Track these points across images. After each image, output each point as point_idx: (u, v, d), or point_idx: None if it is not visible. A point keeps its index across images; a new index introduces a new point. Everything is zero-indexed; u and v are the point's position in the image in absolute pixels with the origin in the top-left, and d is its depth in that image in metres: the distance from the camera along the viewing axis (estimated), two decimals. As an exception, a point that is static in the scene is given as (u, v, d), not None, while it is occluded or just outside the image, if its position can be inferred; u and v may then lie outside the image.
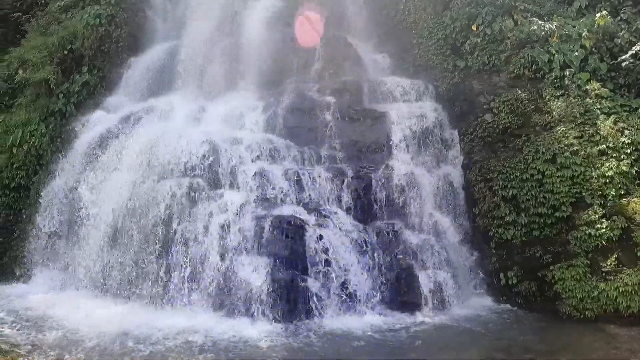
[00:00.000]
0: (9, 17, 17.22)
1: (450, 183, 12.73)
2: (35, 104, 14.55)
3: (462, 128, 13.18)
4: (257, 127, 13.39)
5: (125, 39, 15.90)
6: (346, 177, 12.20)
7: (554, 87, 11.84)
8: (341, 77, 14.63)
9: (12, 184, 13.53)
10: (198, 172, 11.86)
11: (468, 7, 13.69)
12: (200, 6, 17.04)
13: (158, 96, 14.83)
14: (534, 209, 11.22)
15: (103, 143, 13.17)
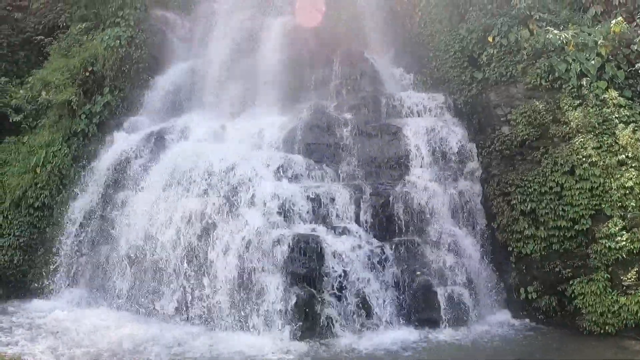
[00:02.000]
0: (32, 40, 17.85)
1: (469, 198, 12.82)
2: (58, 124, 15.05)
3: (480, 141, 13.26)
4: (276, 145, 13.67)
5: (145, 60, 16.44)
6: (364, 194, 12.38)
7: (571, 96, 11.83)
8: (358, 92, 14.92)
9: (36, 203, 13.96)
10: (217, 191, 12.22)
11: (484, 19, 13.85)
12: (219, 26, 17.59)
13: (178, 115, 15.28)
14: (553, 223, 11.19)
15: (124, 163, 13.69)
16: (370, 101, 14.46)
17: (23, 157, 14.46)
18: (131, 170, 13.50)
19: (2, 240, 13.62)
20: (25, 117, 15.10)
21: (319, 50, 16.59)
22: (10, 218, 13.80)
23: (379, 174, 13.15)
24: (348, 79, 15.35)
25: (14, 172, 14.27)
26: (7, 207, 13.86)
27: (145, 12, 17.07)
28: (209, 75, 16.27)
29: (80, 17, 17.35)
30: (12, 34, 17.80)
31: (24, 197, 13.94)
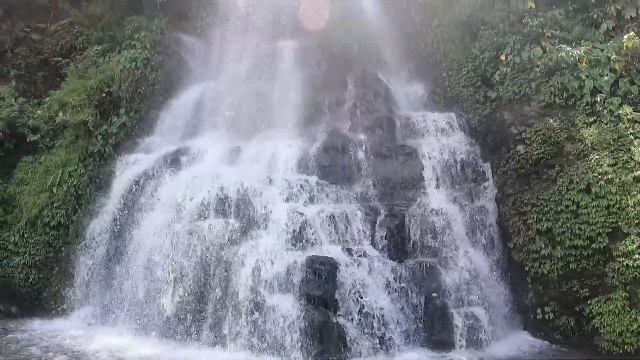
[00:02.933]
0: (49, 62, 18.26)
1: (484, 218, 12.87)
2: (75, 145, 15.39)
3: (495, 161, 13.39)
4: (291, 167, 13.84)
5: (161, 82, 16.83)
6: (379, 215, 12.54)
7: (585, 113, 11.94)
8: (373, 113, 15.09)
9: (52, 222, 14.26)
10: (232, 213, 12.40)
11: (496, 37, 14.12)
12: (233, 48, 18.03)
13: (193, 137, 15.60)
14: (570, 242, 11.22)
15: (140, 184, 13.93)
16: (384, 122, 14.68)
17: (40, 176, 14.80)
18: (146, 191, 13.75)
19: (18, 259, 13.94)
20: (42, 137, 15.42)
21: (333, 72, 16.91)
22: (26, 236, 14.12)
23: (394, 195, 13.33)
24: (362, 100, 15.57)
25: (30, 191, 14.62)
26: (24, 225, 14.19)
27: (161, 35, 17.51)
28: (224, 97, 16.58)
29: (97, 39, 17.84)
30: (30, 55, 18.26)
31: (40, 215, 14.25)
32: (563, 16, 13.70)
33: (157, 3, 18.34)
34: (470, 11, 15.13)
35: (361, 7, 17.86)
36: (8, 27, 18.50)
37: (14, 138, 15.12)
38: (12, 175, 15.15)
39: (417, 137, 14.44)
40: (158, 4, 18.36)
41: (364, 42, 17.40)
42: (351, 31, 17.52)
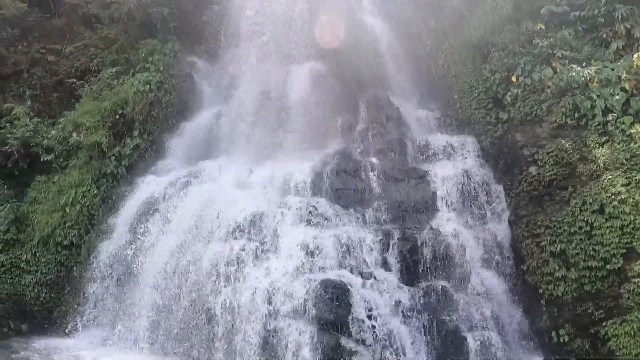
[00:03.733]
0: (64, 83, 18.74)
1: (497, 240, 12.93)
2: (88, 165, 15.69)
3: (507, 183, 13.46)
4: (303, 190, 14.02)
5: (175, 104, 17.05)
6: (392, 238, 12.55)
7: (597, 133, 12.02)
8: (385, 136, 15.27)
9: (65, 242, 14.50)
10: (245, 236, 12.57)
11: (506, 59, 14.27)
12: (246, 71, 18.38)
13: (206, 159, 15.76)
14: (584, 263, 11.24)
15: (152, 205, 14.15)
16: (396, 145, 14.82)
17: (53, 196, 15.08)
18: (158, 213, 13.94)
19: (30, 277, 14.20)
20: (56, 157, 15.76)
21: (344, 95, 17.15)
22: (38, 255, 14.36)
23: (407, 218, 13.39)
24: (374, 123, 15.78)
25: (43, 210, 14.87)
26: (36, 244, 14.43)
27: (175, 58, 17.94)
28: (237, 120, 16.91)
29: (112, 61, 18.30)
30: (45, 75, 18.77)
31: (53, 235, 14.47)
32: (573, 36, 13.89)
33: (171, 27, 18.85)
34: (480, 34, 15.40)
35: (373, 31, 18.19)
36: (24, 48, 19.10)
37: (28, 157, 15.46)
38: (26, 194, 15.45)
39: (429, 160, 14.57)
40: (172, 28, 18.86)
41: (375, 66, 17.63)
42: (363, 55, 17.76)
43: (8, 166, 15.35)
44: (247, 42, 18.99)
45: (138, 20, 18.75)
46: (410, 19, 18.29)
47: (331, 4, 18.55)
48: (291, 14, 19.00)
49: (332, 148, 15.44)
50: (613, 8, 13.48)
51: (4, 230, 14.44)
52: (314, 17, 18.88)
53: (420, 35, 17.79)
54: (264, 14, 19.27)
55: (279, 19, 19.02)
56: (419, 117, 16.52)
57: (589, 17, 13.91)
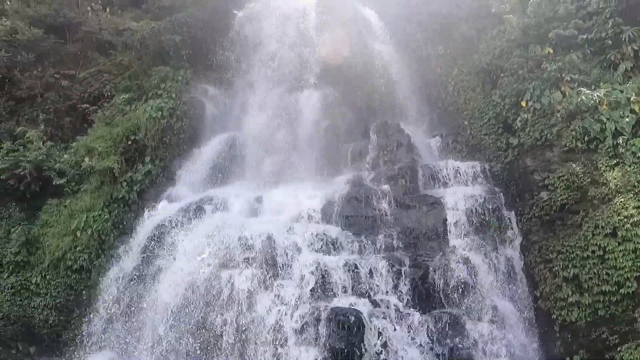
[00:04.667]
0: (77, 108, 19.23)
1: (510, 266, 12.99)
2: (100, 190, 15.95)
3: (519, 208, 13.60)
4: (314, 217, 14.16)
5: (186, 131, 17.42)
6: (403, 266, 12.61)
7: (608, 156, 12.13)
8: (395, 163, 15.41)
9: (75, 266, 14.68)
10: (256, 263, 12.66)
11: (515, 84, 14.47)
12: (257, 98, 18.87)
13: (217, 186, 16.12)
14: (598, 288, 11.26)
15: (163, 232, 14.27)
16: (407, 172, 14.93)
17: (64, 219, 15.30)
18: (169, 239, 14.05)
19: (39, 300, 14.35)
20: (68, 181, 16.01)
21: (355, 122, 17.54)
22: (48, 278, 14.54)
23: (418, 245, 13.47)
24: (385, 150, 15.96)
25: (54, 233, 15.09)
26: (46, 267, 14.63)
27: (186, 85, 18.33)
28: (248, 146, 17.26)
29: (124, 87, 18.77)
30: (58, 100, 19.23)
31: (63, 258, 14.67)
32: (581, 59, 14.09)
33: (183, 54, 19.32)
34: (489, 59, 15.69)
35: (383, 58, 18.69)
36: (39, 73, 19.65)
37: (41, 181, 15.71)
38: (37, 217, 15.69)
39: (440, 187, 14.71)
40: (184, 55, 19.33)
41: (385, 93, 18.06)
42: (373, 82, 18.24)
43: (20, 189, 15.63)
44: (258, 69, 19.55)
45: (151, 47, 19.29)
46: (420, 45, 18.75)
47: (341, 31, 19.06)
48: (302, 41, 19.60)
49: (342, 175, 15.71)
50: (620, 30, 13.77)
51: (15, 252, 14.68)
52: (324, 44, 19.43)
53: (430, 61, 18.20)
54: (275, 41, 19.87)
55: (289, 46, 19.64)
56: (429, 143, 16.78)
57: (596, 39, 14.19)
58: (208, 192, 15.76)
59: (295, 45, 19.65)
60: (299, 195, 14.97)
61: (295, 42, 19.71)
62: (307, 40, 19.61)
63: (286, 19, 20.28)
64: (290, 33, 20.08)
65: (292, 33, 20.02)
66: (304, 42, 19.64)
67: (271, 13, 20.70)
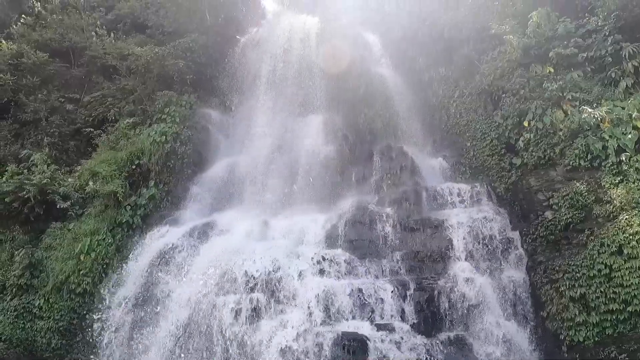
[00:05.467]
0: (82, 131, 19.59)
1: (515, 287, 12.99)
2: (104, 214, 16.05)
3: (524, 228, 13.61)
4: (319, 242, 14.31)
5: (190, 155, 17.66)
6: (408, 289, 12.71)
7: (611, 174, 12.22)
8: (399, 186, 15.58)
9: (78, 289, 14.66)
10: (260, 288, 12.77)
11: (517, 104, 14.68)
12: (261, 123, 19.20)
13: (221, 211, 16.26)
14: (605, 306, 11.25)
15: (167, 256, 14.45)
16: (411, 195, 15.07)
17: (68, 243, 15.37)
18: (173, 264, 14.24)
19: (42, 323, 14.32)
20: (72, 205, 16.10)
21: (358, 146, 17.78)
22: (51, 301, 14.52)
23: (423, 268, 13.56)
24: (388, 173, 16.17)
25: (58, 257, 15.15)
26: (49, 290, 14.62)
27: (190, 110, 18.57)
28: (252, 171, 17.46)
29: (129, 112, 19.13)
30: (63, 124, 19.63)
31: (67, 282, 14.68)
32: (582, 77, 14.28)
33: (187, 79, 19.74)
34: (490, 80, 15.92)
35: (385, 82, 19.00)
36: (44, 97, 20.06)
37: (45, 204, 15.82)
38: (41, 240, 15.77)
39: (445, 209, 14.83)
40: (188, 80, 19.76)
41: (388, 116, 18.36)
42: (376, 106, 18.56)
43: (24, 212, 15.74)
44: (261, 94, 19.93)
45: (155, 72, 19.66)
46: (422, 68, 19.08)
47: (344, 56, 19.40)
48: (304, 66, 19.99)
49: (347, 199, 15.85)
50: (620, 47, 13.97)
51: (18, 275, 14.71)
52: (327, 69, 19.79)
53: (432, 84, 18.48)
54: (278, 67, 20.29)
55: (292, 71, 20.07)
56: (432, 166, 16.91)
57: (596, 57, 14.41)
58: (212, 216, 15.97)
59: (298, 71, 20.08)
60: (304, 220, 15.15)
61: (298, 67, 20.15)
62: (310, 66, 20.04)
63: (289, 45, 20.79)
64: (292, 58, 20.57)
65: (295, 58, 20.50)
66: (306, 67, 20.07)
67: (274, 39, 21.30)
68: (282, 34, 21.08)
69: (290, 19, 22.40)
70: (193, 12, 21.75)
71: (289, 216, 15.53)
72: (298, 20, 22.12)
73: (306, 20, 21.89)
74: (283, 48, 20.68)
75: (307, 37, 20.65)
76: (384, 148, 17.01)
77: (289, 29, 21.35)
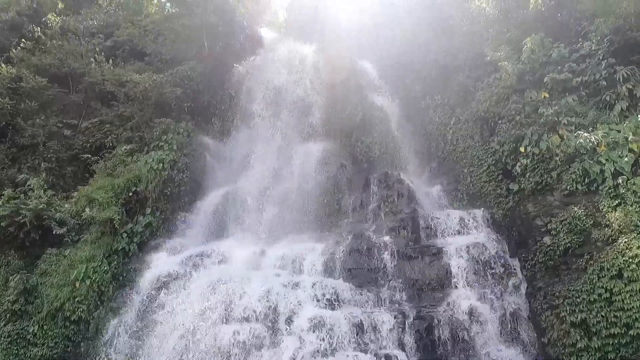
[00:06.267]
0: (79, 157, 19.66)
1: (515, 314, 12.93)
2: (100, 241, 16.00)
3: (522, 255, 13.67)
4: (316, 271, 14.36)
5: (187, 183, 17.79)
6: (407, 318, 12.70)
7: (609, 197, 12.35)
8: (397, 214, 15.68)
9: (73, 317, 14.54)
10: (257, 318, 12.77)
11: (514, 130, 14.87)
12: (257, 151, 19.33)
13: (218, 239, 16.33)
14: (606, 331, 11.24)
15: (163, 284, 14.43)
16: (408, 223, 15.15)
17: (63, 269, 15.26)
18: (169, 292, 14.19)
19: (36, 350, 14.13)
20: (68, 231, 16.06)
21: (355, 174, 17.99)
22: (45, 328, 14.36)
23: (422, 297, 13.60)
24: (386, 201, 16.28)
25: (53, 283, 15.02)
26: (44, 317, 14.47)
27: (188, 137, 18.73)
28: (249, 199, 17.58)
29: (126, 138, 19.24)
30: (61, 149, 19.66)
31: (61, 309, 14.55)
32: (577, 102, 14.53)
33: (184, 106, 19.99)
34: (486, 106, 16.16)
35: (382, 109, 19.27)
36: (42, 121, 20.13)
37: (40, 229, 15.76)
38: (36, 265, 15.65)
39: (443, 236, 14.89)
40: (185, 108, 20.00)
41: (385, 144, 18.52)
42: (372, 133, 18.74)
43: (20, 237, 15.66)
44: (258, 122, 20.17)
45: (153, 99, 19.83)
46: (418, 95, 19.40)
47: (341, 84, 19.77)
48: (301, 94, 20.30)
49: (344, 227, 16.01)
50: (614, 70, 14.26)
51: (13, 300, 14.57)
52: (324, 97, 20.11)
53: (428, 111, 18.74)
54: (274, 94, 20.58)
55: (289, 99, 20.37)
56: (429, 193, 17.06)
57: (590, 81, 14.70)
58: (209, 244, 16.02)
59: (295, 99, 20.38)
60: (301, 248, 15.21)
61: (294, 96, 20.46)
62: (307, 94, 20.40)
63: (286, 72, 21.11)
64: (289, 87, 20.84)
65: (292, 87, 20.79)
66: (303, 95, 20.41)
67: (271, 67, 21.64)
68: (279, 62, 21.46)
69: (287, 47, 22.81)
70: (191, 40, 22.09)
71: (286, 245, 15.56)
72: (294, 48, 22.53)
73: (302, 49, 22.30)
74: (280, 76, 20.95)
75: (304, 65, 21.02)
76: (381, 176, 17.14)
77: (286, 57, 21.74)
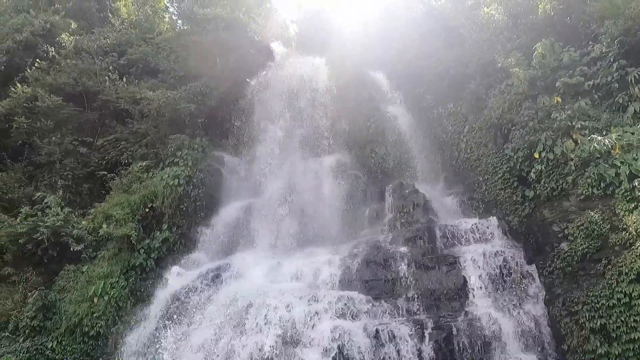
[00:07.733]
0: (95, 174, 20.07)
1: (534, 321, 12.99)
2: (117, 257, 16.30)
3: (540, 261, 13.67)
4: (333, 283, 14.46)
5: (203, 198, 18.02)
6: (426, 328, 12.69)
7: (625, 200, 12.30)
8: (413, 224, 15.77)
9: (91, 332, 14.78)
10: (274, 330, 12.81)
11: (527, 136, 14.86)
12: (273, 166, 19.66)
13: (234, 253, 16.51)
14: (627, 336, 11.20)
15: (181, 299, 14.66)
16: (424, 232, 15.23)
17: (81, 285, 15.56)
18: (187, 307, 14.40)
19: (54, 365, 14.37)
20: (85, 248, 16.37)
21: (370, 185, 18.16)
22: (64, 344, 14.61)
23: (439, 307, 13.62)
24: (401, 212, 16.35)
25: (71, 299, 15.31)
26: (62, 332, 14.73)
27: (203, 153, 19.04)
28: (265, 214, 17.78)
29: (142, 155, 19.59)
30: (77, 167, 20.07)
31: (80, 324, 14.80)
32: (589, 105, 14.51)
33: (199, 122, 20.28)
34: (499, 113, 16.14)
35: (395, 120, 19.51)
36: (58, 140, 20.56)
37: (58, 246, 16.09)
38: (54, 282, 15.95)
39: (459, 245, 14.92)
40: (199, 123, 20.29)
41: (398, 154, 18.73)
42: (385, 144, 18.97)
43: (38, 253, 15.99)
44: (271, 136, 20.45)
45: (167, 115, 20.18)
46: (430, 104, 19.56)
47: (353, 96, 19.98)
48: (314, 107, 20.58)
49: (360, 239, 16.09)
50: (625, 72, 14.20)
51: (31, 316, 14.79)
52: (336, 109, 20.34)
53: (441, 120, 18.87)
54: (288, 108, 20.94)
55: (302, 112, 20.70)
56: (445, 202, 17.13)
57: (602, 84, 14.65)
58: (226, 258, 16.22)
59: (308, 112, 20.72)
60: (318, 261, 15.34)
61: (307, 109, 20.79)
62: (320, 106, 20.67)
63: (298, 86, 21.47)
64: (302, 101, 21.22)
65: (304, 100, 21.15)
66: (316, 108, 20.71)
67: (282, 81, 21.98)
68: (290, 76, 21.79)
69: (298, 60, 23.23)
70: (203, 56, 22.52)
71: (303, 257, 15.71)
72: (305, 61, 22.97)
73: (313, 62, 22.70)
74: (291, 89, 21.31)
75: (315, 77, 21.33)
76: (396, 186, 17.23)
77: (297, 70, 22.09)
